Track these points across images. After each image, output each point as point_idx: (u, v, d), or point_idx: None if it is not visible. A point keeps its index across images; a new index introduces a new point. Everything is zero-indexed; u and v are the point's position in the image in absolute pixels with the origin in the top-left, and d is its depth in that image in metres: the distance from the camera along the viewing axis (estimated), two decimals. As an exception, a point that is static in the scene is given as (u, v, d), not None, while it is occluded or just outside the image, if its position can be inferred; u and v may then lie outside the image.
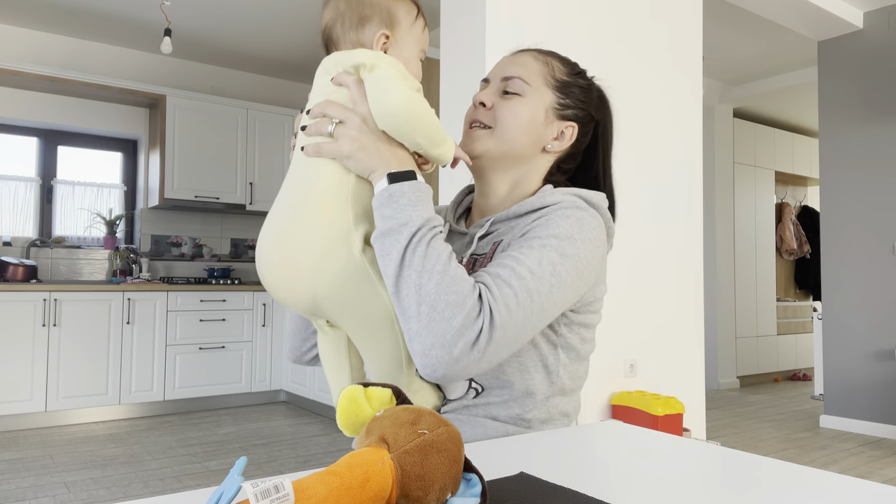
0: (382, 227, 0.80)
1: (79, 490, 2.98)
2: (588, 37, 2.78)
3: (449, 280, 0.77)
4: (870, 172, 4.30)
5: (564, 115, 1.00)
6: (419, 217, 0.80)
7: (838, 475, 0.62)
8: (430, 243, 0.79)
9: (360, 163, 0.83)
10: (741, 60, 5.35)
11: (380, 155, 0.83)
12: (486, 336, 0.76)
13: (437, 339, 0.76)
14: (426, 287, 0.77)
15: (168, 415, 4.63)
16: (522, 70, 0.99)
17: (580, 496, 0.55)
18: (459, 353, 0.76)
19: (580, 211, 0.90)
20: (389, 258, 0.79)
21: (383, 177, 0.82)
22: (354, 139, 0.83)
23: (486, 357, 0.77)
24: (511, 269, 0.82)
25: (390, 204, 0.80)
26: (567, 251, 0.85)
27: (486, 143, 0.98)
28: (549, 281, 0.83)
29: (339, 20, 0.92)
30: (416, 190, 0.82)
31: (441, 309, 0.76)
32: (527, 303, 0.80)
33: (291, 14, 4.46)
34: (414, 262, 0.78)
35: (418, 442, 0.48)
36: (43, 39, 4.75)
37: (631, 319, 2.90)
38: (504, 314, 0.78)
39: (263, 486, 0.40)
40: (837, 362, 4.41)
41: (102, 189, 5.18)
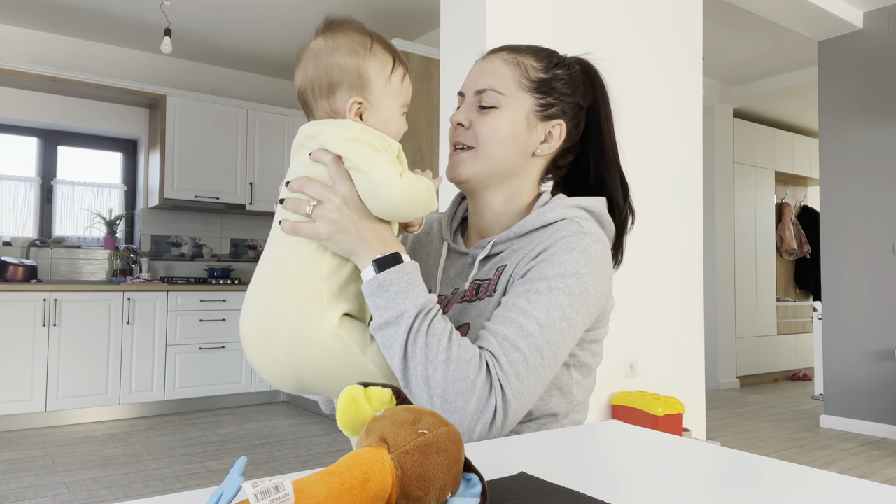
0: (379, 319, 0.79)
1: (79, 490, 2.98)
2: (587, 37, 2.78)
3: (454, 368, 0.77)
4: (870, 172, 4.30)
5: (548, 115, 0.95)
6: (413, 305, 0.79)
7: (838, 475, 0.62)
8: (430, 330, 0.78)
9: (340, 245, 0.81)
10: (741, 60, 5.35)
11: (360, 236, 0.81)
12: (502, 413, 0.77)
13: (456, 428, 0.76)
14: (433, 378, 0.77)
15: (168, 415, 4.63)
16: (494, 80, 0.94)
17: (580, 496, 0.55)
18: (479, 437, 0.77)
19: (584, 238, 0.87)
20: (392, 352, 0.79)
21: (369, 263, 0.80)
22: (334, 221, 0.80)
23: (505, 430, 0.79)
24: (518, 325, 0.81)
25: (381, 294, 0.79)
26: (575, 290, 0.84)
27: (471, 166, 0.94)
28: (559, 327, 0.82)
29: (310, 87, 0.86)
30: (404, 274, 0.80)
31: (452, 399, 0.76)
32: (537, 362, 0.80)
33: (291, 14, 4.46)
34: (417, 354, 0.77)
35: (418, 442, 0.48)
36: (43, 39, 4.75)
37: (631, 319, 2.90)
38: (516, 385, 0.78)
39: (263, 486, 0.40)
40: (837, 362, 4.41)
41: (102, 189, 5.18)
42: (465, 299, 0.94)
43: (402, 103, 0.89)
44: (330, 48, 0.86)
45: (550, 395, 0.91)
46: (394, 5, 4.27)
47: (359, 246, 0.81)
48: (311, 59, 0.87)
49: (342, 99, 0.85)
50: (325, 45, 0.87)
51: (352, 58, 0.85)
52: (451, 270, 1.01)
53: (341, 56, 0.85)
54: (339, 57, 0.85)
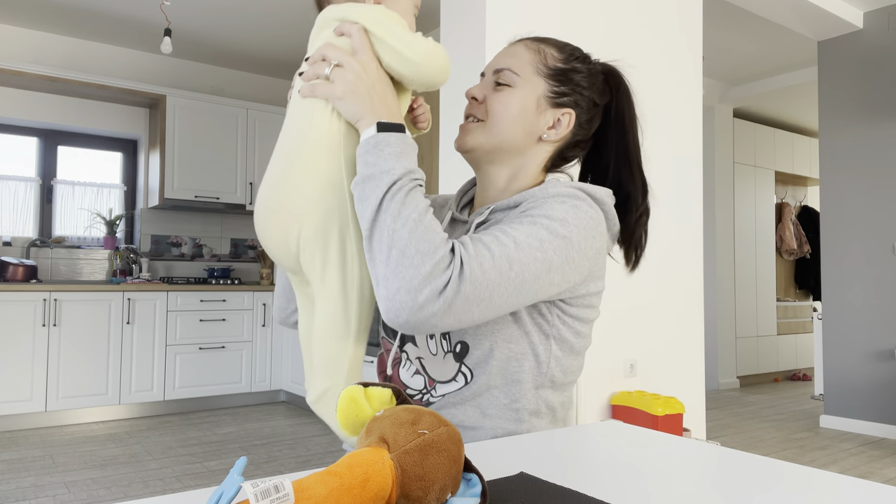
0: (364, 172, 0.81)
1: (79, 490, 2.98)
2: (587, 37, 2.78)
3: (423, 229, 0.77)
4: (870, 172, 4.30)
5: (560, 103, 0.97)
6: (402, 167, 0.80)
7: (838, 475, 0.62)
8: (410, 193, 0.80)
9: (351, 107, 0.84)
10: (741, 60, 5.35)
11: (371, 103, 0.83)
12: (454, 287, 0.76)
13: (403, 284, 0.75)
14: (399, 233, 0.77)
15: (168, 415, 4.63)
16: (513, 61, 0.97)
17: (580, 496, 0.55)
18: (424, 300, 0.75)
19: (578, 199, 0.88)
20: (367, 203, 0.79)
21: (372, 125, 0.83)
22: (349, 82, 0.83)
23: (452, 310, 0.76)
24: (494, 236, 0.81)
25: (374, 152, 0.81)
26: (558, 231, 0.84)
27: (477, 137, 0.97)
28: (532, 255, 0.81)
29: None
30: (401, 141, 0.82)
31: (411, 255, 0.76)
32: (504, 268, 0.79)
33: (291, 14, 4.46)
34: (391, 209, 0.78)
35: (418, 442, 0.48)
36: (43, 39, 4.75)
37: (631, 319, 2.90)
38: (476, 271, 0.77)
39: (263, 486, 0.40)
40: (837, 362, 4.41)
41: (102, 189, 5.18)
42: None
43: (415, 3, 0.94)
44: None
45: (525, 358, 0.90)
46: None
47: (368, 110, 0.83)
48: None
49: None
50: None
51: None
52: (452, 237, 1.02)
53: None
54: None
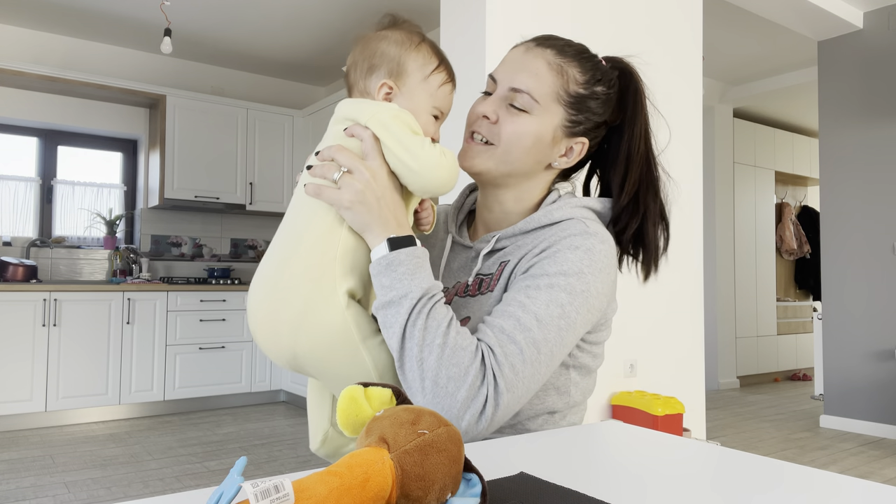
0: (383, 298, 0.80)
1: (79, 490, 2.98)
2: (587, 37, 2.77)
3: (449, 353, 0.76)
4: (870, 172, 4.30)
5: (575, 132, 0.94)
6: (418, 288, 0.79)
7: (838, 475, 0.62)
8: (430, 314, 0.78)
9: (358, 217, 0.82)
10: (741, 60, 5.35)
11: (380, 214, 0.82)
12: (493, 404, 0.76)
13: (444, 414, 0.76)
14: (427, 362, 0.76)
15: (168, 415, 4.63)
16: (533, 83, 0.90)
17: (580, 496, 0.55)
18: (468, 426, 0.76)
19: (589, 238, 0.86)
20: (392, 332, 0.79)
21: (382, 241, 0.81)
22: (358, 192, 0.81)
23: (495, 422, 0.78)
24: (516, 319, 0.80)
25: (388, 273, 0.80)
26: (577, 289, 0.83)
27: (486, 162, 0.93)
28: (557, 325, 0.81)
29: (354, 67, 0.92)
30: (413, 257, 0.81)
31: (443, 384, 0.76)
32: (533, 357, 0.79)
33: (291, 14, 4.46)
34: (415, 336, 0.77)
35: (418, 442, 0.48)
36: (43, 39, 4.75)
37: (631, 319, 2.90)
38: (510, 377, 0.77)
39: (263, 486, 0.40)
40: (837, 362, 4.41)
41: (102, 189, 5.18)
42: (467, 293, 0.94)
43: (435, 105, 0.92)
44: (381, 36, 0.92)
45: (547, 395, 0.91)
46: (394, 5, 4.27)
47: (376, 222, 0.82)
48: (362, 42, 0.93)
49: (375, 81, 0.90)
50: (378, 34, 0.93)
51: (397, 48, 0.90)
52: (455, 263, 1.01)
53: (388, 44, 0.90)
54: (385, 45, 0.90)
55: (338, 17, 4.47)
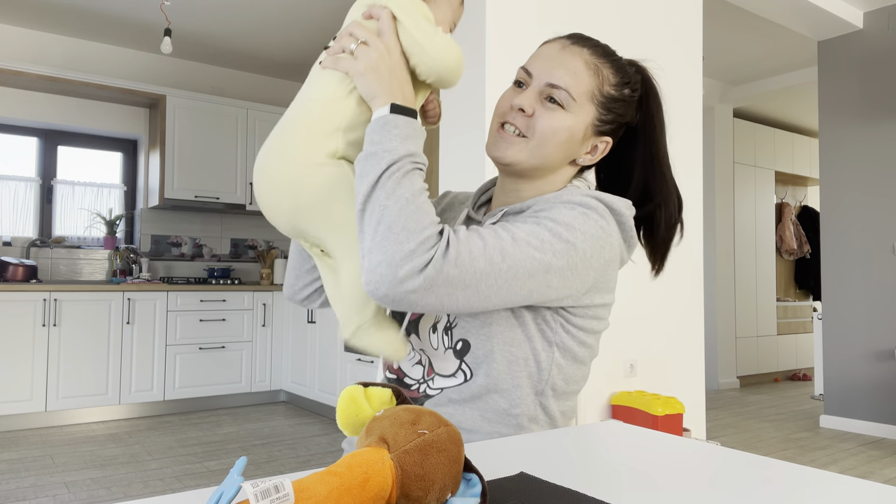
0: (367, 150, 0.82)
1: (79, 490, 2.98)
2: (588, 37, 2.77)
3: (413, 209, 0.78)
4: (870, 172, 4.30)
5: (602, 131, 0.97)
6: (404, 149, 0.81)
7: (838, 475, 0.62)
8: (408, 174, 0.80)
9: (369, 84, 0.85)
10: (741, 60, 5.35)
11: (389, 84, 0.85)
12: (437, 266, 0.76)
13: (385, 258, 0.76)
14: (389, 209, 0.78)
15: (168, 415, 4.63)
16: (571, 80, 0.93)
17: (580, 496, 0.55)
18: (405, 275, 0.75)
19: (588, 208, 0.88)
20: (366, 179, 0.80)
21: (385, 105, 0.84)
22: (372, 60, 0.85)
23: (433, 290, 0.76)
24: (493, 230, 0.82)
25: (381, 131, 0.82)
26: (562, 235, 0.84)
27: (518, 154, 0.94)
28: (529, 252, 0.81)
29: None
30: (409, 125, 0.83)
31: (397, 231, 0.77)
32: (496, 258, 0.79)
33: (291, 14, 4.46)
34: (386, 186, 0.79)
35: (418, 442, 0.48)
36: (43, 39, 4.75)
37: (631, 319, 2.90)
38: (464, 255, 0.78)
39: (263, 486, 0.40)
40: (837, 362, 4.41)
41: (102, 189, 5.18)
42: None
43: (453, 19, 0.96)
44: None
45: (526, 363, 0.90)
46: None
47: (385, 90, 0.84)
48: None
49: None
50: None
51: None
52: None
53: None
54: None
55: (338, 17, 4.47)
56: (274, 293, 5.08)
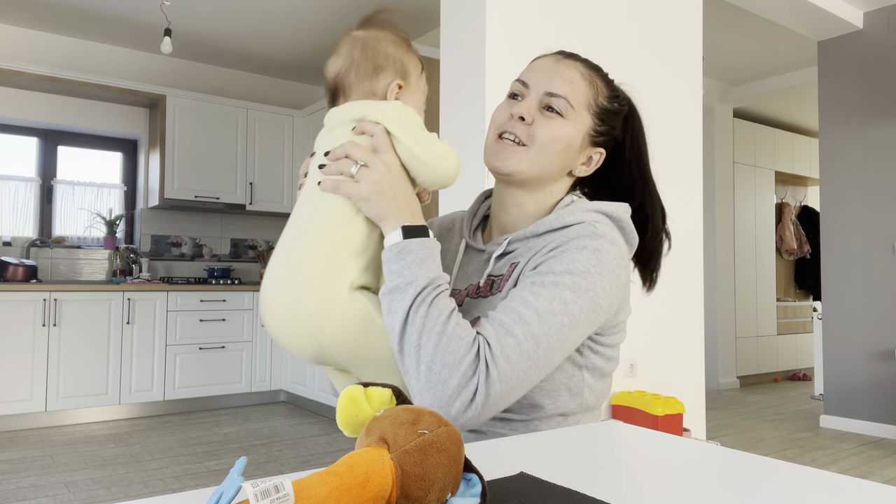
0: (390, 283, 0.82)
1: (79, 490, 2.98)
2: (587, 37, 2.78)
3: (446, 341, 0.78)
4: (870, 172, 4.30)
5: (597, 142, 0.98)
6: (424, 276, 0.81)
7: (838, 475, 0.62)
8: (434, 302, 0.80)
9: (376, 207, 0.84)
10: (741, 60, 5.35)
11: (396, 204, 0.85)
12: (483, 393, 0.78)
13: (435, 400, 0.78)
14: (424, 347, 0.78)
15: (168, 415, 4.63)
16: (569, 89, 0.94)
17: (580, 496, 0.55)
18: (457, 413, 0.78)
19: (598, 240, 0.87)
20: (395, 316, 0.81)
21: (397, 228, 0.84)
22: (375, 183, 0.84)
23: (485, 412, 0.79)
24: (517, 314, 0.81)
25: (398, 260, 0.82)
26: (582, 287, 0.84)
27: (519, 163, 0.94)
28: (559, 321, 0.82)
29: (354, 68, 0.93)
30: (424, 247, 0.83)
31: (437, 370, 0.77)
32: (531, 349, 0.80)
33: (291, 14, 4.46)
34: (416, 322, 0.79)
35: (418, 442, 0.48)
36: (43, 39, 4.75)
37: (631, 320, 2.90)
38: (504, 367, 0.79)
39: (263, 486, 0.40)
40: (837, 362, 4.41)
41: (102, 189, 5.18)
42: (479, 294, 0.96)
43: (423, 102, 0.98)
44: (377, 38, 0.94)
45: (559, 395, 0.91)
46: (394, 5, 4.27)
47: (393, 211, 0.84)
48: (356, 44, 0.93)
49: (385, 80, 0.92)
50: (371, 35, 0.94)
51: (397, 49, 0.93)
52: (468, 267, 1.02)
53: (387, 45, 0.93)
54: (385, 45, 0.93)
55: (338, 17, 4.47)
56: None
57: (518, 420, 0.91)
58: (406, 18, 4.52)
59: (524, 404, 0.90)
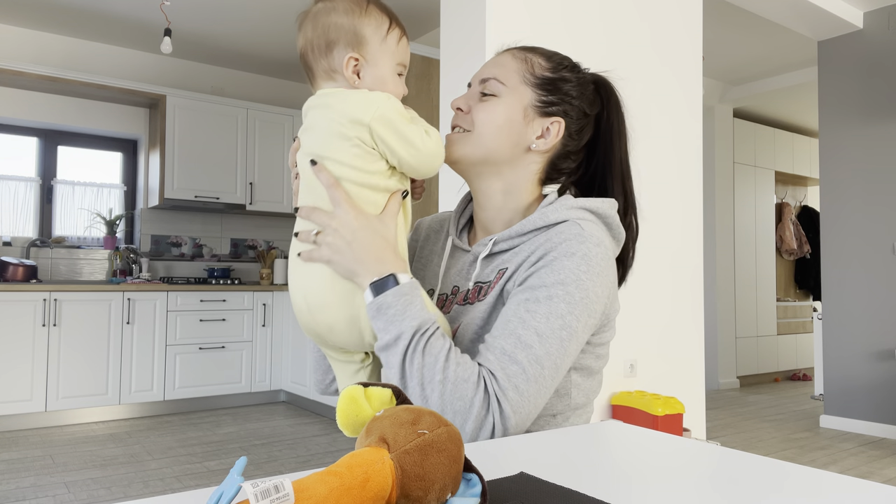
0: (380, 342, 0.82)
1: (79, 490, 2.98)
2: (587, 37, 2.78)
3: (451, 388, 0.77)
4: (870, 172, 4.30)
5: (548, 112, 0.95)
6: (409, 327, 0.80)
7: (838, 475, 0.62)
8: (426, 350, 0.79)
9: (340, 267, 0.86)
10: (741, 60, 5.35)
11: (355, 258, 0.84)
12: (501, 430, 0.78)
13: None
14: (431, 399, 0.78)
15: (168, 415, 4.63)
16: (499, 70, 0.96)
17: (580, 496, 0.55)
18: None
19: (585, 243, 0.86)
20: (393, 371, 0.81)
21: (366, 288, 0.84)
22: (330, 245, 0.85)
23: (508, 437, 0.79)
24: (517, 337, 0.81)
25: (380, 317, 0.82)
26: (575, 297, 0.83)
27: (462, 148, 0.95)
28: (558, 336, 0.82)
29: (309, 47, 0.90)
30: (400, 296, 0.82)
31: (450, 417, 0.77)
32: (537, 373, 0.80)
33: (291, 14, 4.46)
34: (414, 375, 0.79)
35: (418, 442, 0.48)
36: (43, 39, 4.75)
37: (631, 320, 2.90)
38: (515, 399, 0.78)
39: (263, 486, 0.40)
40: (837, 362, 4.41)
41: (102, 189, 5.18)
42: (466, 301, 0.94)
43: (398, 62, 0.92)
44: (327, 9, 0.89)
45: None
46: (393, 5, 4.27)
47: (355, 267, 0.85)
48: (309, 20, 0.90)
49: (339, 56, 0.88)
50: (323, 7, 0.90)
51: (347, 17, 0.88)
52: (454, 268, 1.01)
53: (338, 15, 0.89)
54: (335, 16, 0.89)
55: (338, 17, 4.47)
56: (274, 293, 5.08)
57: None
58: (406, 18, 4.52)
59: None
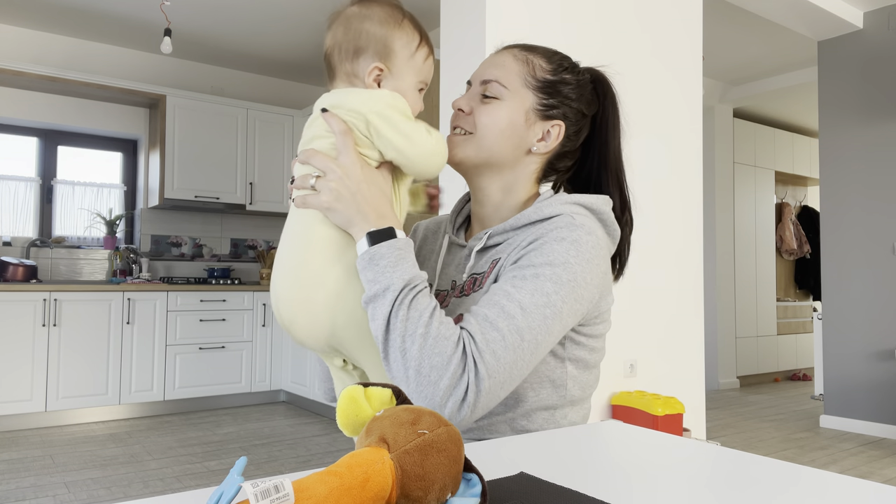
0: (368, 292, 0.82)
1: (79, 490, 2.98)
2: (587, 38, 2.78)
3: (431, 342, 0.78)
4: (870, 172, 4.30)
5: (549, 115, 0.96)
6: (399, 279, 0.80)
7: (838, 475, 0.62)
8: (412, 304, 0.80)
9: (339, 215, 0.84)
10: (741, 60, 5.35)
11: (358, 208, 0.84)
12: (474, 391, 0.77)
13: (427, 402, 0.77)
14: (410, 351, 0.78)
15: (168, 415, 4.63)
16: (500, 72, 0.96)
17: (580, 496, 0.55)
18: (450, 413, 0.77)
19: (576, 230, 0.87)
20: (376, 324, 0.80)
21: (363, 236, 0.83)
22: (332, 190, 0.84)
23: (478, 408, 0.79)
24: (500, 307, 0.81)
25: (371, 267, 0.81)
26: (563, 278, 0.84)
27: (465, 150, 0.96)
28: (542, 313, 0.82)
29: (337, 49, 0.90)
30: (395, 249, 0.82)
31: (426, 373, 0.77)
32: (516, 342, 0.80)
33: (291, 14, 4.46)
34: (397, 327, 0.79)
35: (418, 442, 0.48)
36: (43, 39, 4.75)
37: (631, 319, 2.90)
38: (491, 363, 0.78)
39: (263, 486, 0.40)
40: (837, 362, 4.41)
41: (102, 189, 5.18)
42: (462, 293, 0.95)
43: (421, 80, 0.93)
44: (362, 15, 0.90)
45: (542, 388, 0.91)
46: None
47: (356, 217, 0.84)
48: (342, 22, 0.91)
49: (365, 64, 0.89)
50: (358, 12, 0.90)
51: (381, 27, 0.89)
52: (451, 263, 1.02)
53: (372, 24, 0.89)
54: (369, 24, 0.89)
55: (338, 17, 4.46)
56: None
57: (500, 414, 0.90)
58: (406, 18, 4.51)
59: (507, 397, 0.90)
